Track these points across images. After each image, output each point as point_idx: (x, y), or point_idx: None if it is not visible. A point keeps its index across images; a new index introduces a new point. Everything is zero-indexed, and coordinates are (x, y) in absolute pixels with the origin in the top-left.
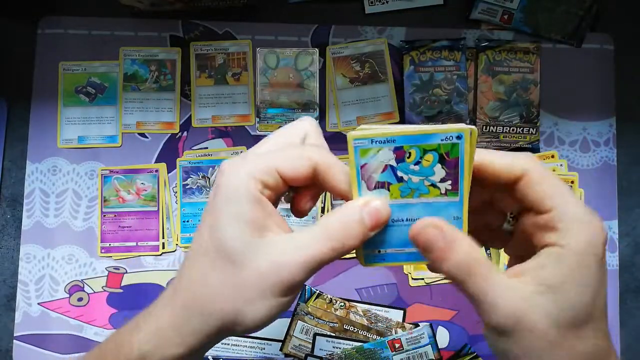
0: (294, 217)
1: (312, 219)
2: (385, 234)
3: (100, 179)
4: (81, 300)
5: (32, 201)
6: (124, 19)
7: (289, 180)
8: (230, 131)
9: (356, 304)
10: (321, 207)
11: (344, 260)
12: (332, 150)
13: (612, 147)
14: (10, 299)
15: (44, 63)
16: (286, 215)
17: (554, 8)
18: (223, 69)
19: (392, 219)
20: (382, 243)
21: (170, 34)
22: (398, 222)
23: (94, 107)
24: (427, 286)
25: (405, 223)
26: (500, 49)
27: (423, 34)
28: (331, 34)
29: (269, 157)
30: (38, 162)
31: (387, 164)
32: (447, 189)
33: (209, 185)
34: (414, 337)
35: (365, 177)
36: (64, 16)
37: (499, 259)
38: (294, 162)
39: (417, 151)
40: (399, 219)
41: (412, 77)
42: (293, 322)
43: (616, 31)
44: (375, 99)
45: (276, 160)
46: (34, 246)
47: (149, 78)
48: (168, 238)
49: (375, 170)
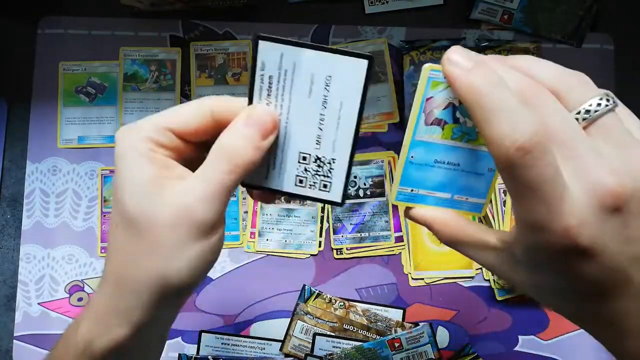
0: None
1: (312, 219)
2: (425, 173)
3: (101, 179)
4: (81, 300)
5: (32, 201)
6: (124, 19)
7: (185, 135)
8: None
9: (356, 304)
10: (321, 207)
11: (344, 260)
12: None
13: None
14: (10, 299)
15: (44, 63)
16: (286, 215)
17: (554, 8)
18: (223, 69)
19: (434, 159)
20: (419, 182)
21: (170, 34)
22: (440, 163)
23: (94, 107)
24: (427, 286)
25: (446, 166)
26: (500, 49)
27: (423, 34)
28: (331, 34)
29: (158, 116)
30: (38, 162)
31: (451, 101)
32: None
33: None
34: (413, 337)
35: (427, 111)
36: (64, 16)
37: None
38: (186, 115)
39: None
40: (442, 161)
41: (412, 77)
42: (293, 322)
43: (616, 31)
44: (375, 99)
45: (166, 117)
46: (34, 246)
47: (149, 78)
48: None
49: (438, 106)
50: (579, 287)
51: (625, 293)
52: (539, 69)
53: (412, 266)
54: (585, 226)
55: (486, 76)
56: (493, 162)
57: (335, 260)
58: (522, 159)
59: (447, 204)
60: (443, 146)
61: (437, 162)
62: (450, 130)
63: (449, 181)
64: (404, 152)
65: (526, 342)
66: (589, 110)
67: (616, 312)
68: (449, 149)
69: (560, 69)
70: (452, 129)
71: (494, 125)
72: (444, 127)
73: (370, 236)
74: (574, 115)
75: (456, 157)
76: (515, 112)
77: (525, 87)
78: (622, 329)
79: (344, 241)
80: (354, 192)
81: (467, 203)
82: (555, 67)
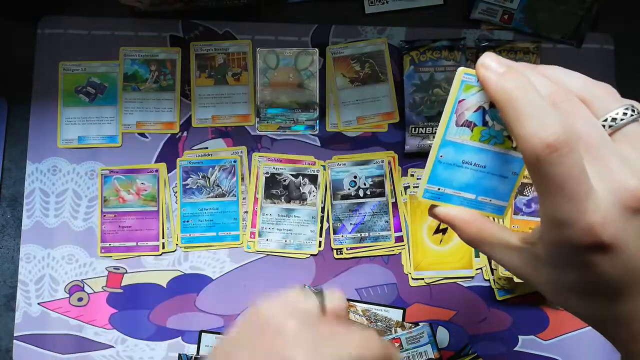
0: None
1: (312, 219)
2: (452, 173)
3: (101, 179)
4: (81, 300)
5: (32, 201)
6: (124, 19)
7: None
8: (230, 131)
9: (356, 304)
10: (321, 207)
11: (343, 261)
12: (332, 150)
13: None
14: (11, 299)
15: (44, 63)
16: (286, 215)
17: (554, 8)
18: (223, 69)
19: (462, 159)
20: (445, 182)
21: (170, 34)
22: (467, 164)
23: (94, 107)
24: (427, 286)
25: (472, 167)
26: (500, 48)
27: (423, 34)
28: (331, 34)
29: None
30: (38, 162)
31: (482, 105)
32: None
33: (209, 185)
34: (413, 336)
35: (458, 112)
36: (64, 16)
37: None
38: None
39: None
40: (469, 162)
41: (412, 77)
42: None
43: (616, 31)
44: (375, 99)
45: None
46: (34, 246)
47: (149, 78)
48: (168, 238)
49: (469, 108)
50: (599, 285)
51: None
52: (567, 78)
53: (412, 266)
54: (608, 224)
55: (518, 80)
56: (517, 167)
57: (335, 260)
58: (549, 156)
59: (471, 204)
60: (471, 147)
61: (465, 162)
62: (479, 132)
63: (474, 182)
64: (434, 150)
65: (526, 342)
66: (615, 119)
67: (632, 311)
68: (476, 151)
69: (588, 79)
70: (480, 132)
71: (524, 124)
72: (473, 129)
73: (370, 236)
74: (601, 122)
75: (483, 159)
76: (545, 113)
77: (555, 93)
78: (635, 328)
79: (344, 241)
80: (354, 192)
81: (490, 205)
82: (583, 77)
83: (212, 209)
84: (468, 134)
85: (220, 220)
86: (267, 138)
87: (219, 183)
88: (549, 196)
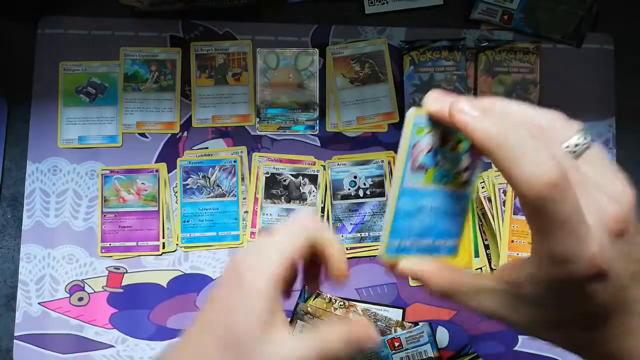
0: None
1: None
2: (410, 221)
3: (101, 179)
4: (81, 300)
5: (32, 201)
6: (124, 19)
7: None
8: (230, 131)
9: (356, 304)
10: (321, 207)
11: None
12: (332, 150)
13: (612, 148)
14: (11, 299)
15: (44, 63)
16: (286, 215)
17: (554, 8)
18: (223, 69)
19: (419, 206)
20: (404, 232)
21: (171, 34)
22: (423, 209)
23: (94, 107)
24: None
25: (428, 211)
26: (500, 49)
27: (423, 34)
28: (331, 34)
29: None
30: (38, 162)
31: (433, 146)
32: (465, 180)
33: (209, 185)
34: (413, 336)
35: (413, 157)
36: (64, 16)
37: (499, 260)
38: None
39: (456, 136)
40: (425, 206)
41: (412, 77)
42: (293, 321)
43: (616, 31)
44: (375, 99)
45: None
46: (34, 246)
47: (149, 78)
48: (168, 238)
49: (422, 151)
50: (590, 314)
51: (626, 311)
52: (520, 109)
53: None
54: (604, 252)
55: (499, 120)
56: (466, 203)
57: None
58: (550, 193)
59: (428, 250)
60: (426, 191)
61: (421, 208)
62: (432, 174)
63: (430, 226)
64: (393, 202)
65: (526, 342)
66: (577, 144)
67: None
68: (430, 194)
69: (537, 108)
70: (433, 174)
71: (521, 166)
72: (427, 171)
73: (370, 236)
74: (564, 150)
75: (437, 200)
76: (537, 151)
77: (528, 125)
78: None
79: (344, 241)
80: (354, 192)
81: (445, 247)
82: (532, 106)
83: (212, 209)
84: (422, 178)
85: (220, 220)
86: (267, 138)
87: (219, 183)
88: (550, 234)
